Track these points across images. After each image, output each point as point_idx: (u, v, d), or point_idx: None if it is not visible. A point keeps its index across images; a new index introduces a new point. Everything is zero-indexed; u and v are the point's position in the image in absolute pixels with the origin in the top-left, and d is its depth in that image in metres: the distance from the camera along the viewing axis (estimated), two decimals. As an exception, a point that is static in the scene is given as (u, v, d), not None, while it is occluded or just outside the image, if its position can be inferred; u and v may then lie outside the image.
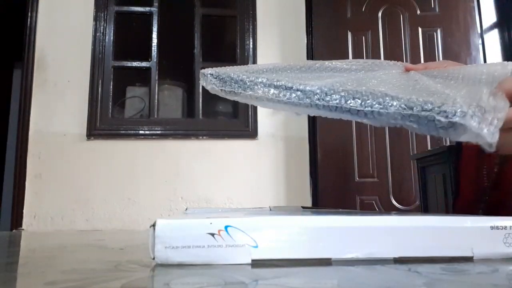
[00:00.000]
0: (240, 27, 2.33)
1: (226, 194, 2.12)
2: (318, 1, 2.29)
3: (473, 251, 0.35)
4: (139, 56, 2.28)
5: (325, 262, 0.34)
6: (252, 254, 0.34)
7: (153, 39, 2.27)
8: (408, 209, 2.14)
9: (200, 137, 2.19)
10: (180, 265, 0.33)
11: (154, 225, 0.34)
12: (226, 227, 0.34)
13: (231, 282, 0.28)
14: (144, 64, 2.27)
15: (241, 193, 2.12)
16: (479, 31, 2.23)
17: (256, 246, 0.34)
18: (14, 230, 1.95)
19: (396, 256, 0.35)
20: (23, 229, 1.98)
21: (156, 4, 2.31)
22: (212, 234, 0.34)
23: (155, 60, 2.26)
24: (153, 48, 2.27)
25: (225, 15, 2.47)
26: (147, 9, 2.32)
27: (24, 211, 2.02)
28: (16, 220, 2.00)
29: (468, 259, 0.35)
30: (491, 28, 2.37)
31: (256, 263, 0.33)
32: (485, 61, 2.21)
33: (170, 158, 2.14)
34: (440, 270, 0.31)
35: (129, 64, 2.27)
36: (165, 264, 0.34)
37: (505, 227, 0.36)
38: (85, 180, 2.07)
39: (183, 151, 2.17)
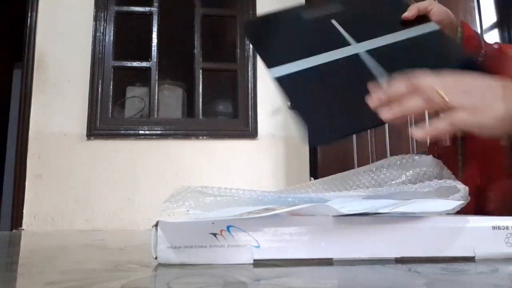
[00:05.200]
0: (240, 27, 2.33)
1: (226, 194, 2.12)
2: (318, 1, 2.28)
3: (475, 251, 0.35)
4: (139, 56, 2.28)
5: (326, 262, 0.34)
6: (254, 254, 0.34)
7: (153, 39, 2.27)
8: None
9: (200, 137, 2.19)
10: (180, 265, 0.33)
11: (156, 225, 0.34)
12: (228, 227, 0.34)
13: (231, 282, 0.28)
14: (144, 64, 2.27)
15: (241, 193, 2.12)
16: (479, 31, 2.23)
17: (258, 246, 0.34)
18: (14, 230, 1.95)
19: (398, 256, 0.35)
20: (23, 229, 1.98)
21: (156, 4, 2.31)
22: (214, 234, 0.34)
23: (155, 60, 2.26)
24: (153, 48, 2.27)
25: (225, 15, 2.47)
26: (147, 9, 2.32)
27: (24, 211, 2.01)
28: (16, 220, 2.00)
29: (470, 259, 0.35)
30: (491, 28, 2.37)
31: (258, 263, 0.33)
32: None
33: (170, 158, 2.14)
34: (440, 270, 0.31)
35: (129, 64, 2.27)
36: (167, 264, 0.34)
37: (507, 227, 0.36)
38: (85, 180, 2.07)
39: (183, 151, 2.17)
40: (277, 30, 0.64)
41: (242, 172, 2.16)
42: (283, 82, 0.56)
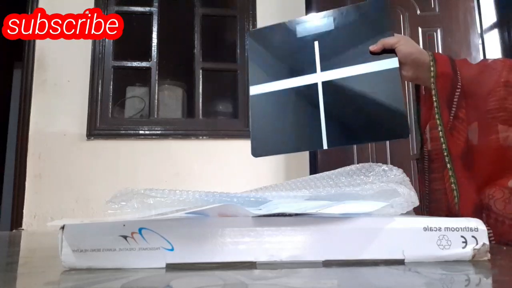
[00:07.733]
0: (240, 27, 2.33)
1: (226, 194, 2.12)
2: (318, 1, 2.29)
3: (404, 253, 0.33)
4: (139, 56, 2.28)
5: (326, 263, 0.34)
6: (167, 257, 0.32)
7: (153, 39, 2.27)
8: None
9: (200, 137, 2.19)
10: (181, 266, 0.33)
11: (63, 227, 0.33)
12: (140, 229, 0.33)
13: (231, 282, 0.28)
14: (144, 64, 2.27)
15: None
16: (479, 31, 2.23)
17: (172, 249, 0.32)
18: (14, 230, 1.95)
19: (323, 259, 0.33)
20: (23, 229, 1.98)
21: (156, 4, 2.31)
22: (125, 237, 0.32)
23: (155, 60, 2.26)
24: (153, 48, 2.27)
25: (225, 15, 2.47)
26: (147, 9, 2.32)
27: (24, 211, 2.01)
28: (16, 220, 2.00)
29: (400, 262, 0.33)
30: (491, 28, 2.37)
31: (258, 264, 0.33)
32: (485, 61, 2.21)
33: (170, 158, 2.14)
34: (441, 270, 0.31)
35: (129, 64, 2.27)
36: (74, 269, 0.32)
37: (440, 229, 0.34)
38: (85, 180, 2.07)
39: (183, 151, 2.17)
40: (272, 43, 0.77)
41: (242, 172, 2.16)
42: (255, 100, 0.73)
